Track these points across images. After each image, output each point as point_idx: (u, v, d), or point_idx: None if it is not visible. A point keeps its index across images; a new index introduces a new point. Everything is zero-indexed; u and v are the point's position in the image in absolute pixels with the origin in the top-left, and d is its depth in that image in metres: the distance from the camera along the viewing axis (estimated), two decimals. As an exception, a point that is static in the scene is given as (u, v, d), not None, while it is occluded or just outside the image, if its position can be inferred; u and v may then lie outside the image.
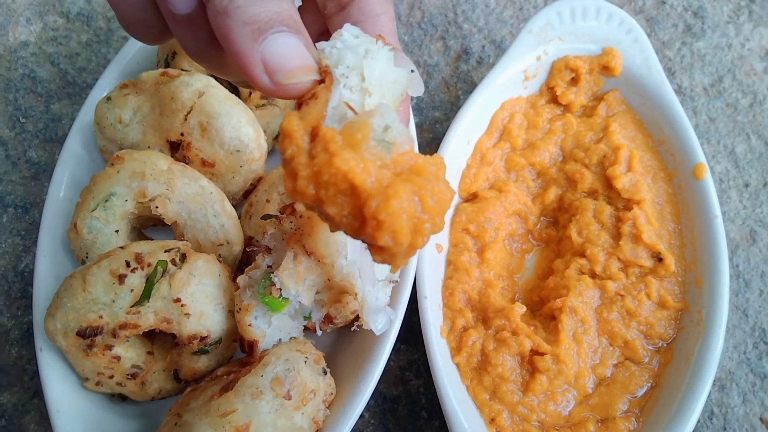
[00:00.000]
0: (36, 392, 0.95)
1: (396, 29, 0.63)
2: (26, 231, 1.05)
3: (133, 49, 1.02)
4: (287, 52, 0.50)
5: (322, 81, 0.53)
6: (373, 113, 0.51)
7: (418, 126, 1.15)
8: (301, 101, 0.52)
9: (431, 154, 0.94)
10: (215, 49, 0.59)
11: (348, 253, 0.78)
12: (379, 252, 0.51)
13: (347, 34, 0.57)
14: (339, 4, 0.62)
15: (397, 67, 0.57)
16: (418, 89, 0.58)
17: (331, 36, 0.58)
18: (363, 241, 0.51)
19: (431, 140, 1.14)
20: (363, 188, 0.48)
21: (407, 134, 0.52)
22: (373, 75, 0.54)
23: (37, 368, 0.88)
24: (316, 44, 0.55)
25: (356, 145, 0.49)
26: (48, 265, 0.87)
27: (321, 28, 0.66)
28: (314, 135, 0.49)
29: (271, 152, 1.02)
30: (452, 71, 1.20)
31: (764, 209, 1.11)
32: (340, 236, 0.78)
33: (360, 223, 0.48)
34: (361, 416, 0.94)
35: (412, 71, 0.58)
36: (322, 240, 0.78)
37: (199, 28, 0.56)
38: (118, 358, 0.79)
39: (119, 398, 0.84)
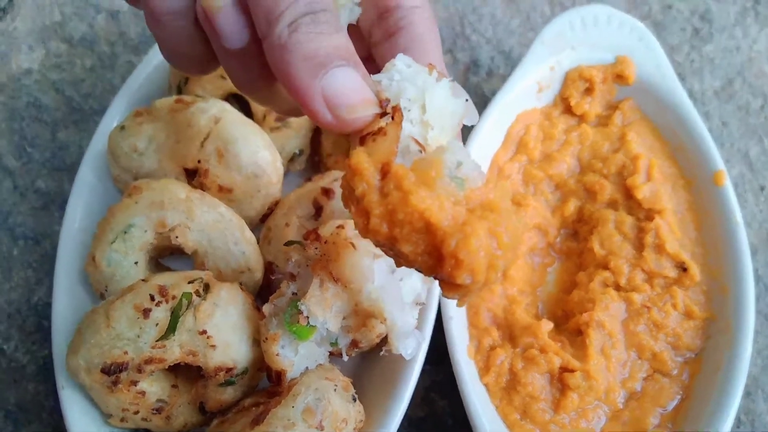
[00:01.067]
0: (55, 428, 0.93)
1: (442, 53, 0.62)
2: (38, 263, 1.03)
3: (143, 75, 1.00)
4: (349, 87, 0.50)
5: (383, 114, 0.51)
6: (444, 149, 0.50)
7: (431, 140, 1.14)
8: (364, 136, 0.51)
9: None
10: (265, 82, 0.57)
11: (375, 278, 0.77)
12: (453, 289, 0.49)
13: (401, 63, 0.55)
14: (386, 33, 0.61)
15: (454, 98, 0.56)
16: (473, 118, 0.57)
17: (374, 63, 0.57)
18: (437, 278, 0.50)
19: (444, 155, 1.13)
20: (440, 227, 0.47)
21: (479, 169, 0.51)
22: (433, 107, 0.53)
23: (55, 404, 0.87)
24: (373, 77, 0.54)
25: (430, 183, 0.48)
26: (66, 300, 0.86)
27: (363, 56, 0.65)
28: (385, 172, 0.48)
29: (286, 174, 1.01)
30: (462, 84, 1.19)
31: (782, 212, 1.11)
32: (367, 261, 0.77)
33: (436, 261, 0.47)
34: (390, 440, 0.92)
35: (467, 100, 0.56)
36: (348, 265, 0.77)
37: (251, 61, 0.55)
38: (143, 393, 0.78)
39: (144, 433, 0.83)
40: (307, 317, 0.77)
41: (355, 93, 0.50)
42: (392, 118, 0.52)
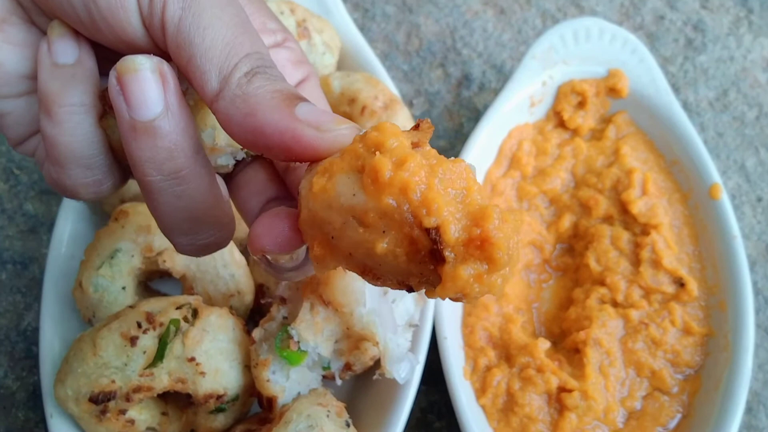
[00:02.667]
0: (46, 459, 0.91)
1: None
2: (27, 288, 1.01)
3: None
4: (322, 110, 0.49)
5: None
6: None
7: (424, 156, 1.13)
8: None
9: None
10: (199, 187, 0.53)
11: (367, 300, 0.76)
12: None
13: None
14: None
15: None
16: None
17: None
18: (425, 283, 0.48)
19: (438, 170, 1.12)
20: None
21: None
22: None
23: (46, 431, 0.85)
24: None
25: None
26: (54, 327, 0.84)
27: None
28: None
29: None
30: (454, 98, 1.18)
31: (779, 223, 1.09)
32: (358, 284, 0.76)
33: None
34: (386, 465, 0.91)
35: None
36: (339, 288, 0.76)
37: (177, 145, 0.51)
38: (132, 421, 0.76)
39: (135, 463, 0.81)
40: (298, 342, 0.75)
41: (330, 113, 0.49)
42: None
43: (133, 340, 0.74)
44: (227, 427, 0.80)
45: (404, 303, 0.79)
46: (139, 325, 0.74)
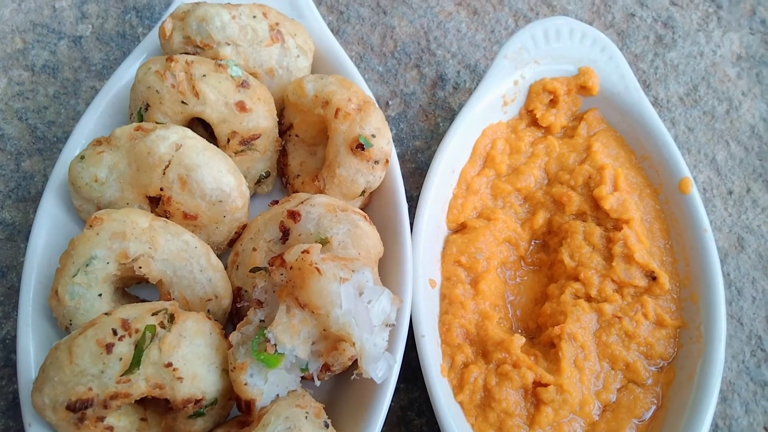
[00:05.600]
0: (27, 468, 0.91)
1: None
2: (5, 296, 1.01)
3: (104, 101, 0.99)
4: None
5: None
6: None
7: (400, 157, 1.14)
8: None
9: (415, 184, 0.93)
10: None
11: (343, 302, 0.77)
12: None
13: None
14: None
15: None
16: None
17: None
18: None
19: (414, 170, 1.13)
20: None
21: None
22: None
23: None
24: None
25: None
26: (31, 335, 0.84)
27: None
28: None
29: (252, 197, 1.00)
30: (429, 99, 1.19)
31: (750, 215, 1.11)
32: (334, 286, 0.76)
33: None
34: (367, 464, 0.91)
35: None
36: (315, 291, 0.76)
37: None
38: (111, 428, 0.76)
39: (115, 470, 0.81)
40: (275, 345, 0.76)
41: None
42: None
43: (108, 347, 0.74)
44: (207, 431, 0.80)
45: (380, 303, 0.80)
46: (115, 332, 0.74)
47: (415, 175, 1.13)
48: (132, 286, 0.93)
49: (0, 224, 1.06)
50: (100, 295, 0.83)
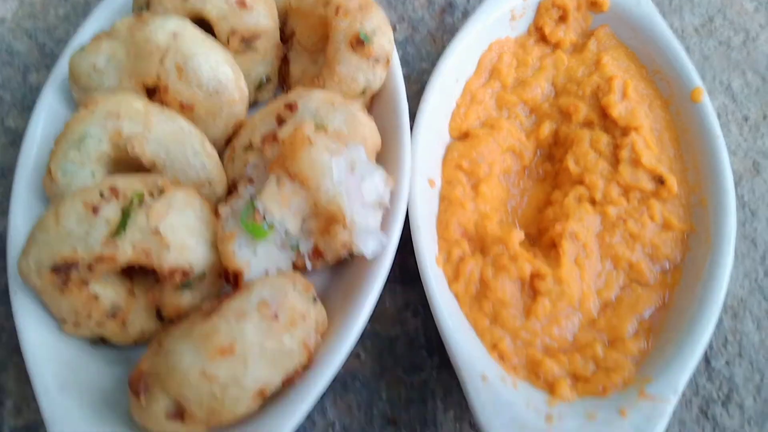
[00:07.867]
0: (15, 349, 0.90)
1: None
2: (3, 196, 1.01)
3: (111, 5, 1.00)
4: None
5: None
6: None
7: (406, 78, 1.12)
8: None
9: (418, 104, 0.90)
10: None
11: (334, 174, 0.75)
12: None
13: None
14: None
15: None
16: None
17: None
18: None
19: (419, 90, 1.11)
20: None
21: None
22: None
23: (15, 325, 0.83)
24: None
25: None
26: (23, 213, 0.83)
27: None
28: None
29: (254, 104, 0.99)
30: (438, 24, 1.18)
31: (766, 141, 1.08)
32: (325, 156, 0.75)
33: None
34: (357, 356, 0.88)
35: None
36: (306, 162, 0.75)
37: None
38: (96, 297, 0.75)
39: (100, 342, 0.79)
40: (264, 215, 0.74)
41: None
42: None
43: (95, 210, 0.73)
44: (194, 306, 0.78)
45: (373, 181, 0.78)
46: (102, 195, 0.74)
47: (420, 96, 1.10)
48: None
49: (4, 131, 1.07)
50: (92, 174, 0.82)
